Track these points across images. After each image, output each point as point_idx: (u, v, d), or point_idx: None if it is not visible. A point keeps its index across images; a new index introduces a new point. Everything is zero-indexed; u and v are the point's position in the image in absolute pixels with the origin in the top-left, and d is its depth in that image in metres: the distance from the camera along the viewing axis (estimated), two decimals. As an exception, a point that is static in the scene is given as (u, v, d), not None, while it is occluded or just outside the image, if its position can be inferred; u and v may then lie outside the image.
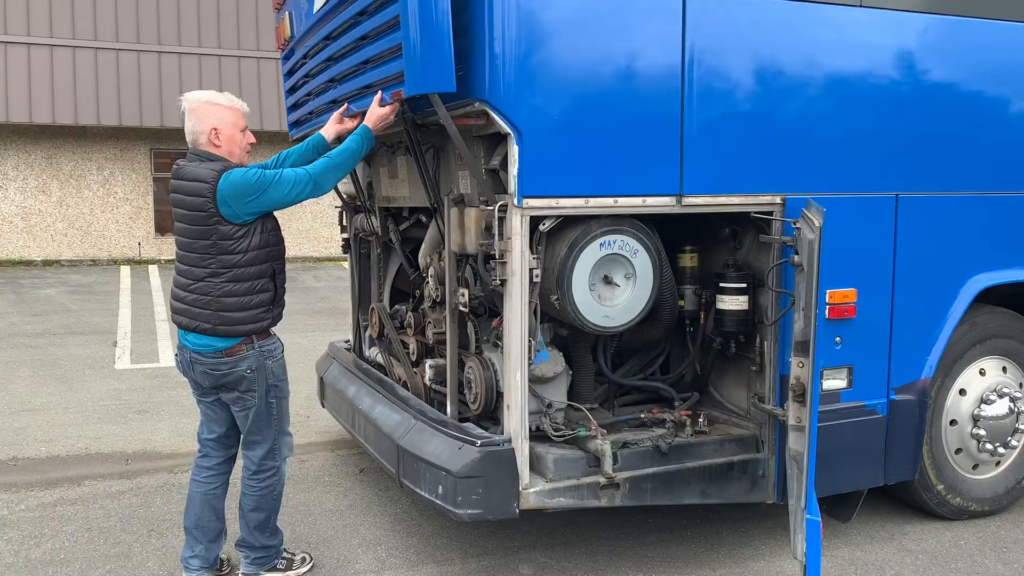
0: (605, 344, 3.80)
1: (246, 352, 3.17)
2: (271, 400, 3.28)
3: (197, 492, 3.39)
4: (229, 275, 3.10)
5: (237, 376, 3.19)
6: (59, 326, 9.72)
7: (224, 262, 3.10)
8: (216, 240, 3.08)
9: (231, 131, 3.19)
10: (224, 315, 3.12)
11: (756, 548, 3.83)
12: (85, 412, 6.12)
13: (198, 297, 3.14)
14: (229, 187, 3.03)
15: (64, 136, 16.86)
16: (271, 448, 3.34)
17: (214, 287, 3.11)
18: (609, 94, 3.18)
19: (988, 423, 4.00)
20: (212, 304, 3.12)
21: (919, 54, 3.64)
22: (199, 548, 3.38)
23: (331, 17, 3.85)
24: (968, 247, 3.83)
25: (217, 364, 3.18)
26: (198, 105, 3.17)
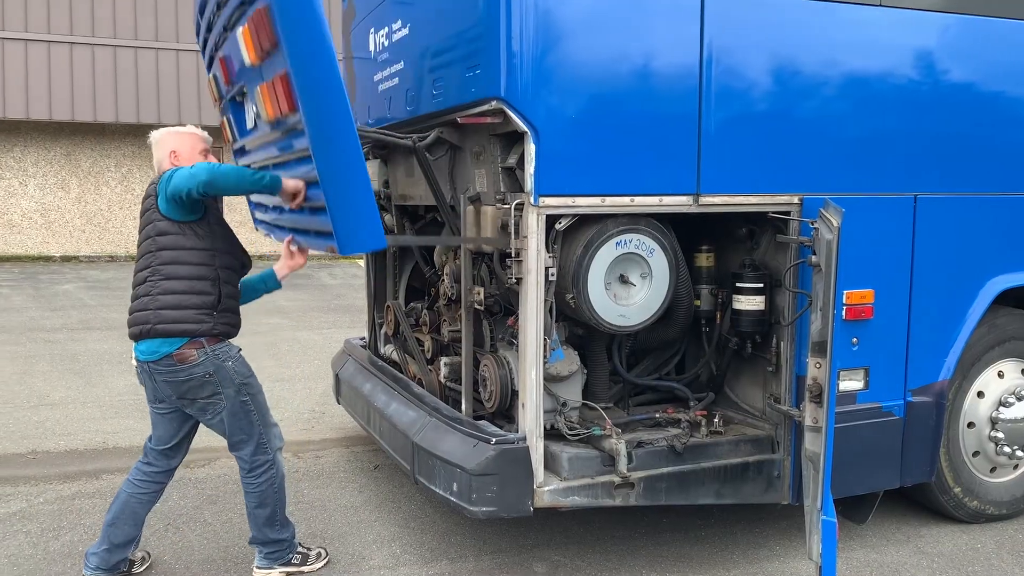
0: (620, 343, 3.79)
1: (199, 358, 3.15)
2: (244, 399, 3.28)
3: (124, 491, 3.38)
4: (169, 270, 3.13)
5: (197, 382, 3.17)
6: (77, 321, 9.81)
7: (164, 258, 3.13)
8: (155, 236, 3.14)
9: (189, 152, 3.34)
10: (160, 313, 3.11)
11: (771, 549, 3.82)
12: (103, 407, 6.17)
13: (141, 299, 3.17)
14: (163, 181, 3.14)
15: (83, 133, 17.00)
16: (259, 443, 3.34)
17: (154, 286, 3.13)
18: (626, 93, 3.18)
19: (1006, 426, 3.97)
20: (151, 304, 3.13)
21: (939, 54, 3.61)
22: (102, 548, 3.35)
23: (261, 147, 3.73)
24: (987, 249, 3.80)
25: (173, 371, 3.16)
26: (160, 136, 3.38)
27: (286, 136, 3.15)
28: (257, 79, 3.20)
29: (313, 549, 3.62)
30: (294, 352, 8.17)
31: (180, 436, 3.41)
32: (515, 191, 3.24)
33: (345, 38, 5.04)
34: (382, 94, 4.30)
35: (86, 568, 3.36)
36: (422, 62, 3.78)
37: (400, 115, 4.04)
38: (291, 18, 2.73)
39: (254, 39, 2.96)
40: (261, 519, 3.38)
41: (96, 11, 16.19)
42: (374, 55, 4.40)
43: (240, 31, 3.10)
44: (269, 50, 2.90)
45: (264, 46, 2.90)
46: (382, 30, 4.24)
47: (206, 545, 3.84)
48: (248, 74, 3.34)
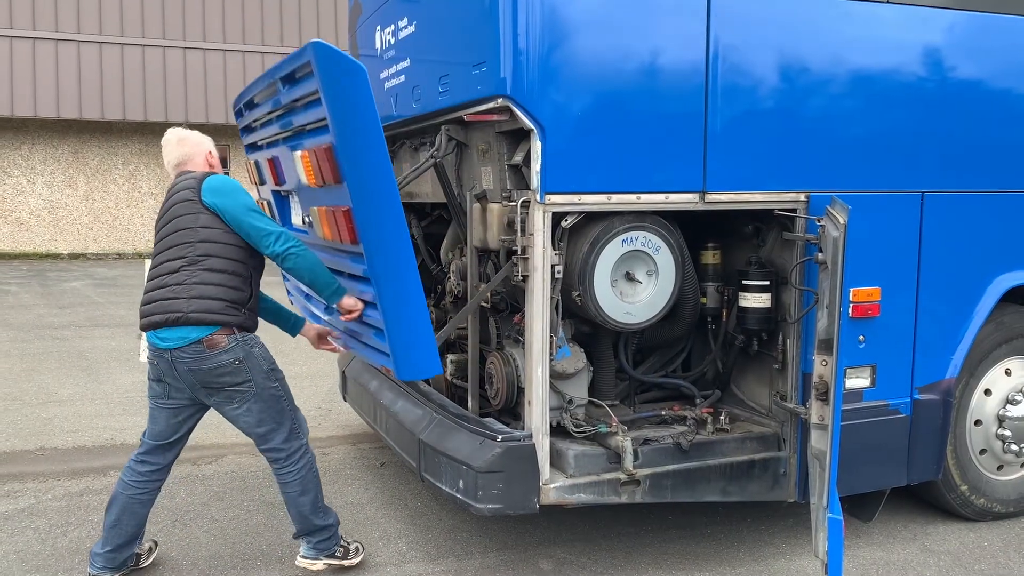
0: (626, 341, 3.79)
1: (228, 344, 3.13)
2: (273, 384, 3.26)
3: (122, 494, 3.33)
4: (209, 263, 3.13)
5: (226, 369, 3.14)
6: (85, 318, 9.85)
7: (205, 250, 3.13)
8: (199, 227, 3.15)
9: (215, 160, 3.47)
10: (197, 301, 3.10)
11: (777, 547, 3.82)
12: (110, 403, 6.20)
13: (172, 287, 3.14)
14: (215, 181, 3.21)
15: (91, 131, 17.07)
16: (292, 429, 3.33)
17: (191, 275, 3.12)
18: (633, 90, 3.17)
19: (1013, 423, 3.96)
20: (186, 292, 3.11)
21: (946, 51, 3.60)
22: (107, 549, 3.33)
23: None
24: (994, 246, 3.79)
25: (201, 358, 3.11)
26: (186, 136, 3.42)
27: (341, 253, 3.32)
28: (315, 199, 3.38)
29: (352, 543, 3.60)
30: (300, 350, 8.19)
31: (180, 433, 3.38)
32: (521, 188, 3.24)
33: (351, 36, 5.05)
34: (388, 91, 4.30)
35: (92, 568, 3.35)
36: (428, 59, 3.79)
37: (407, 112, 4.04)
38: (360, 165, 2.89)
39: (315, 169, 3.09)
40: (306, 507, 3.35)
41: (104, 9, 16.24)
42: (380, 53, 4.40)
43: (298, 155, 3.24)
44: (331, 184, 3.04)
45: (326, 179, 3.03)
46: (388, 27, 4.25)
47: (213, 542, 3.86)
48: (304, 191, 3.51)
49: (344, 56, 2.81)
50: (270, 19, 17.30)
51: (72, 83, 15.98)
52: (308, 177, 3.18)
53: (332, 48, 2.81)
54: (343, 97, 2.83)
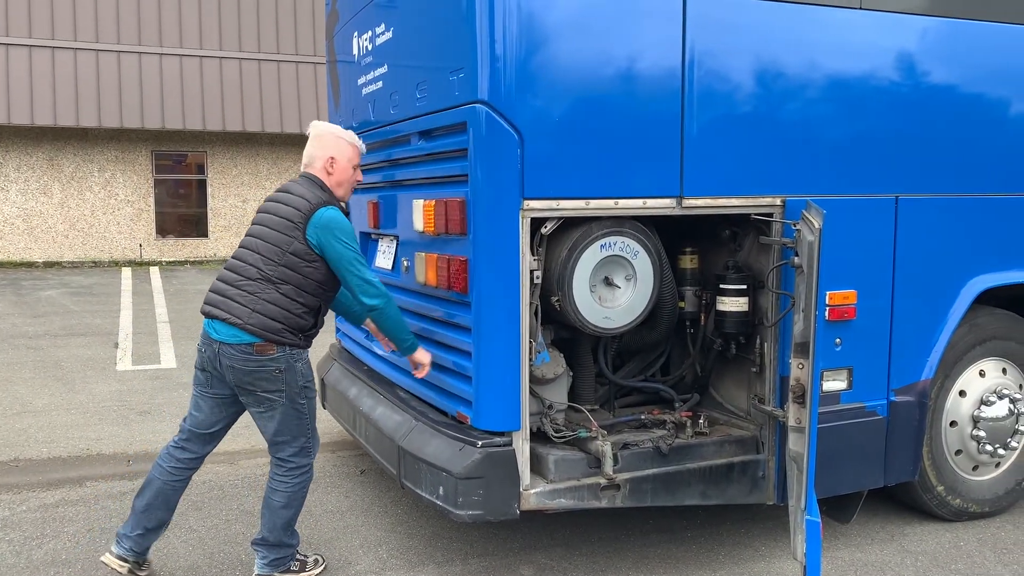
0: (606, 345, 3.80)
1: (276, 353, 3.16)
2: (301, 402, 3.28)
3: (158, 478, 3.36)
4: (284, 289, 3.14)
5: (265, 375, 3.17)
6: (60, 327, 9.74)
7: (285, 275, 3.14)
8: (288, 252, 3.14)
9: (345, 164, 3.35)
10: (259, 317, 3.13)
11: (756, 549, 3.84)
12: (87, 413, 6.13)
13: (242, 292, 3.16)
14: (326, 215, 3.16)
15: (66, 138, 16.90)
16: (303, 447, 3.34)
17: (264, 291, 3.14)
18: (610, 96, 3.19)
19: (988, 424, 4.01)
20: (253, 304, 3.13)
21: (919, 56, 3.65)
22: (136, 533, 3.36)
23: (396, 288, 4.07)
24: (968, 249, 3.84)
25: (246, 359, 3.15)
26: (324, 133, 3.37)
27: (440, 300, 3.50)
28: (420, 246, 3.61)
29: (311, 556, 3.61)
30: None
31: (220, 424, 3.39)
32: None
33: (329, 42, 5.04)
34: (366, 98, 4.30)
35: (119, 547, 3.36)
36: (406, 65, 3.79)
37: (384, 119, 4.04)
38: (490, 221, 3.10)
39: (438, 218, 3.32)
40: (282, 520, 3.34)
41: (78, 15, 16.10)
42: (358, 59, 4.40)
43: (419, 203, 3.48)
44: (454, 234, 3.25)
45: (450, 229, 3.25)
46: (366, 34, 4.24)
47: (191, 552, 3.82)
48: (410, 236, 3.74)
49: (501, 124, 3.05)
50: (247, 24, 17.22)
51: (46, 89, 15.81)
52: (426, 225, 3.44)
53: (491, 114, 3.06)
54: (492, 160, 3.08)
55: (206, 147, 17.83)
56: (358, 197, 4.55)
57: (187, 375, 7.35)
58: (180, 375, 7.37)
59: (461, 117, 3.19)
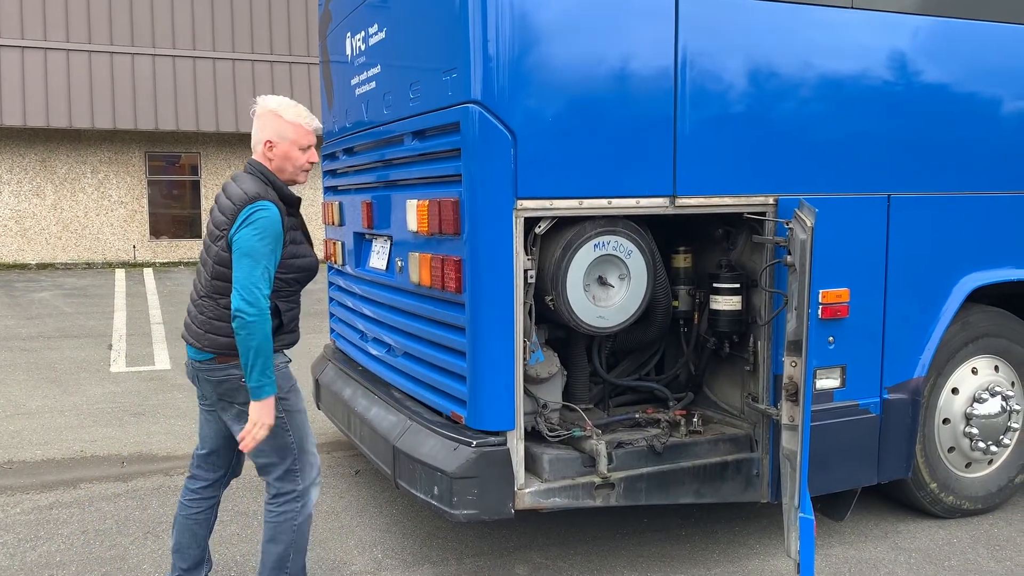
0: (600, 344, 3.81)
1: (237, 359, 2.87)
2: (279, 415, 2.91)
3: (179, 515, 3.19)
4: (224, 302, 2.86)
5: (234, 384, 2.92)
6: (54, 329, 9.71)
7: (218, 288, 2.89)
8: (214, 263, 2.89)
9: (287, 147, 2.96)
10: (211, 337, 2.91)
11: (751, 547, 3.85)
12: (80, 415, 6.12)
13: (196, 313, 2.96)
14: (246, 214, 2.80)
15: (58, 139, 16.85)
16: (288, 469, 3.00)
17: (207, 309, 2.92)
18: (603, 95, 3.19)
19: (980, 422, 4.02)
20: (204, 325, 2.92)
21: (911, 55, 3.66)
22: (175, 574, 3.19)
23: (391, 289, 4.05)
24: (960, 247, 3.85)
25: (211, 369, 2.95)
26: (263, 112, 3.00)
27: (433, 300, 3.49)
28: (414, 246, 3.60)
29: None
30: (274, 358, 8.13)
31: (220, 443, 3.15)
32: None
33: (322, 42, 5.04)
34: (359, 98, 4.30)
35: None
36: (399, 66, 3.79)
37: (378, 119, 4.04)
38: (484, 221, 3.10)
39: (432, 219, 3.31)
40: (271, 558, 3.01)
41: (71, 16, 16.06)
42: (351, 59, 4.40)
43: (413, 203, 3.48)
44: (448, 235, 3.24)
45: (444, 229, 3.24)
46: (359, 34, 4.24)
47: (186, 553, 3.81)
48: (404, 237, 3.73)
49: (494, 124, 3.05)
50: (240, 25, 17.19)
51: (39, 91, 15.76)
52: (419, 225, 3.42)
53: (484, 114, 3.04)
54: (485, 159, 3.08)
55: (199, 148, 17.79)
56: (352, 198, 4.55)
57: (181, 376, 7.34)
58: (174, 376, 7.36)
59: (454, 117, 3.20)
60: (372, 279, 4.25)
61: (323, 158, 5.15)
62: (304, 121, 2.98)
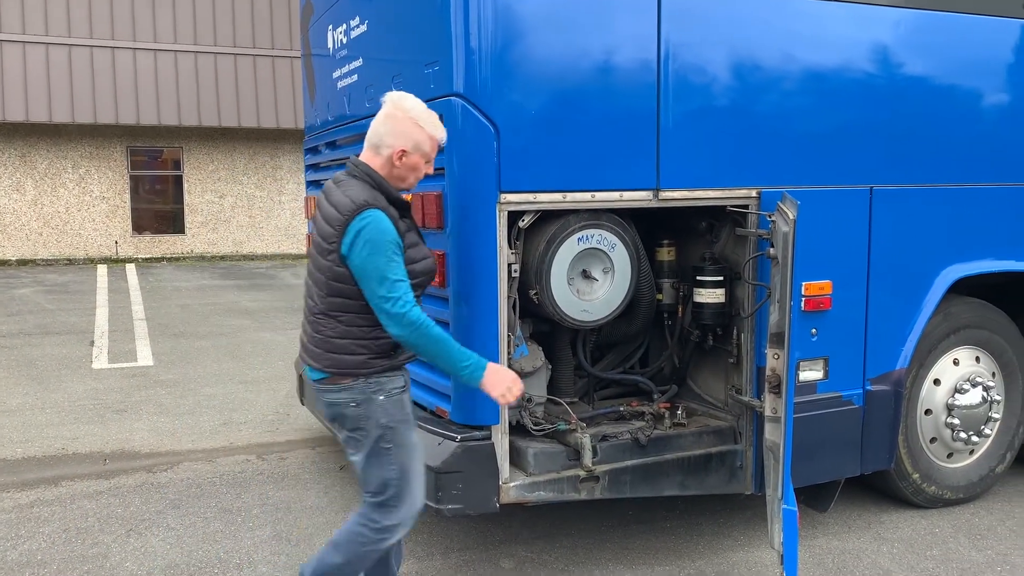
0: (584, 338, 3.81)
1: (350, 383, 2.67)
2: (384, 446, 2.69)
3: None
4: (345, 319, 2.64)
5: (342, 411, 2.70)
6: (35, 326, 9.62)
7: (339, 305, 2.64)
8: (331, 280, 2.63)
9: (417, 159, 2.72)
10: (335, 357, 2.66)
11: (735, 539, 3.86)
12: (62, 412, 6.06)
13: (312, 336, 2.72)
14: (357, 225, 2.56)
15: (38, 134, 16.68)
16: (384, 504, 2.74)
17: (326, 326, 2.67)
18: (586, 89, 3.19)
19: (962, 412, 4.05)
20: (323, 344, 2.68)
21: (892, 48, 3.67)
22: None
23: None
24: (941, 239, 3.88)
25: (324, 392, 2.72)
26: (402, 118, 2.70)
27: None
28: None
29: None
30: (257, 353, 8.09)
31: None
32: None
33: (304, 36, 5.00)
34: (341, 91, 4.27)
35: None
36: (381, 59, 3.77)
37: (360, 112, 4.01)
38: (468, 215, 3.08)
39: (415, 212, 3.23)
40: (327, 562, 2.78)
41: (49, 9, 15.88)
42: (333, 52, 4.37)
43: None
44: (431, 228, 3.20)
45: (427, 223, 3.20)
46: (340, 27, 4.21)
47: (169, 550, 3.79)
48: None
49: (477, 117, 3.01)
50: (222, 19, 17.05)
51: (18, 85, 15.58)
52: None
53: (467, 107, 2.99)
54: (468, 153, 3.07)
55: (182, 142, 17.66)
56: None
57: (164, 373, 7.29)
58: (157, 373, 7.31)
59: (437, 110, 3.16)
60: None
61: (305, 151, 5.13)
62: (439, 134, 2.77)
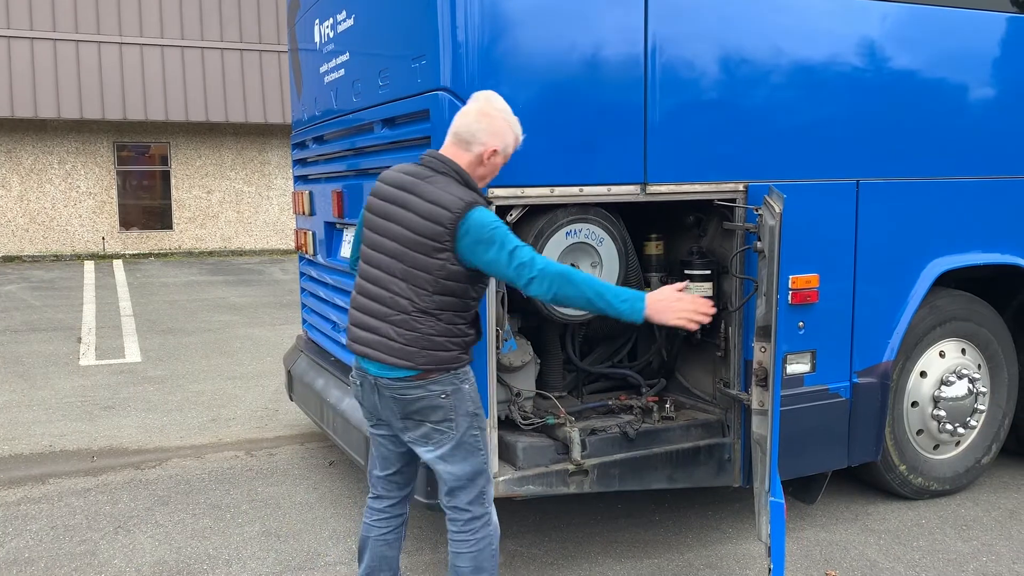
0: (573, 332, 3.81)
1: (439, 375, 2.64)
2: (475, 432, 2.71)
3: (368, 537, 2.93)
4: (445, 316, 2.62)
5: (429, 403, 2.65)
6: (21, 323, 9.56)
7: (443, 304, 2.61)
8: (442, 279, 2.59)
9: (502, 160, 2.76)
10: (432, 354, 2.62)
11: (723, 531, 3.88)
12: (49, 409, 6.03)
13: (403, 331, 2.62)
14: (474, 222, 2.54)
15: (24, 129, 16.56)
16: (482, 491, 2.76)
17: (424, 323, 2.61)
18: (573, 83, 3.18)
19: (948, 404, 4.08)
20: (420, 342, 2.61)
21: (879, 41, 3.68)
22: None
23: None
24: (927, 232, 3.89)
25: (407, 388, 2.65)
26: (499, 118, 2.71)
27: None
28: None
29: None
30: (246, 349, 8.07)
31: (405, 460, 2.89)
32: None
33: (290, 30, 4.98)
34: (328, 86, 4.26)
35: None
36: (368, 53, 3.75)
37: (347, 107, 4.00)
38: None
39: None
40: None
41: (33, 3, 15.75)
42: (319, 47, 4.35)
43: None
44: None
45: None
46: (327, 21, 4.20)
47: (158, 547, 3.78)
48: None
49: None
50: (209, 13, 16.96)
51: (3, 80, 15.46)
52: None
53: (455, 102, 2.95)
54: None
55: (169, 138, 17.57)
56: (322, 187, 4.51)
57: (152, 369, 7.26)
58: (145, 369, 7.28)
59: (424, 104, 3.17)
60: (344, 269, 4.22)
61: (293, 147, 5.11)
62: (521, 138, 2.82)
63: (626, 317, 2.62)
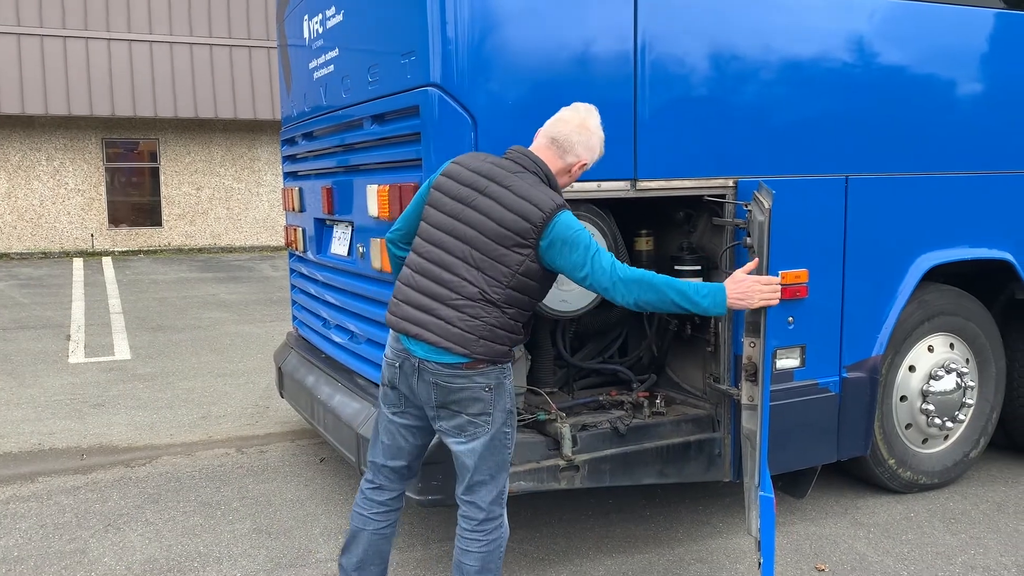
0: (564, 328, 3.82)
1: (486, 367, 2.61)
2: (507, 430, 2.70)
3: (364, 529, 2.86)
4: (511, 312, 2.61)
5: (472, 395, 2.62)
6: (9, 320, 9.51)
7: (512, 299, 2.60)
8: (519, 274, 2.58)
9: (578, 175, 2.82)
10: (489, 345, 2.59)
11: (714, 526, 3.90)
12: (38, 407, 6.00)
13: (465, 317, 2.58)
14: (561, 227, 2.55)
15: (11, 126, 16.45)
16: (501, 490, 2.74)
17: (489, 314, 2.59)
18: (564, 79, 3.18)
19: (937, 398, 4.10)
20: (480, 330, 2.58)
21: (868, 38, 3.69)
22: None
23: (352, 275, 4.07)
24: (916, 227, 3.91)
25: (453, 376, 2.60)
26: (596, 133, 2.75)
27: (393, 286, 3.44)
28: (375, 232, 3.54)
29: None
30: (236, 346, 8.05)
31: (417, 455, 2.88)
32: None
33: (279, 26, 4.96)
34: (317, 82, 4.24)
35: None
36: (357, 49, 3.74)
37: (336, 103, 3.99)
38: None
39: (392, 204, 3.26)
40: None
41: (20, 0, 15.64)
42: (308, 42, 4.34)
43: (373, 189, 3.44)
44: None
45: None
46: (316, 17, 4.18)
47: (148, 545, 3.77)
48: (365, 222, 3.71)
49: (454, 107, 2.99)
50: (198, 9, 16.88)
51: (-11, 76, 15.36)
52: (380, 210, 3.38)
53: (444, 98, 2.98)
54: (446, 144, 3.04)
55: (158, 134, 17.49)
56: (312, 183, 4.50)
57: (142, 367, 7.23)
58: (135, 367, 7.25)
59: (413, 101, 3.17)
60: (334, 265, 4.21)
61: (282, 143, 5.09)
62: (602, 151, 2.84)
63: (711, 312, 2.64)
